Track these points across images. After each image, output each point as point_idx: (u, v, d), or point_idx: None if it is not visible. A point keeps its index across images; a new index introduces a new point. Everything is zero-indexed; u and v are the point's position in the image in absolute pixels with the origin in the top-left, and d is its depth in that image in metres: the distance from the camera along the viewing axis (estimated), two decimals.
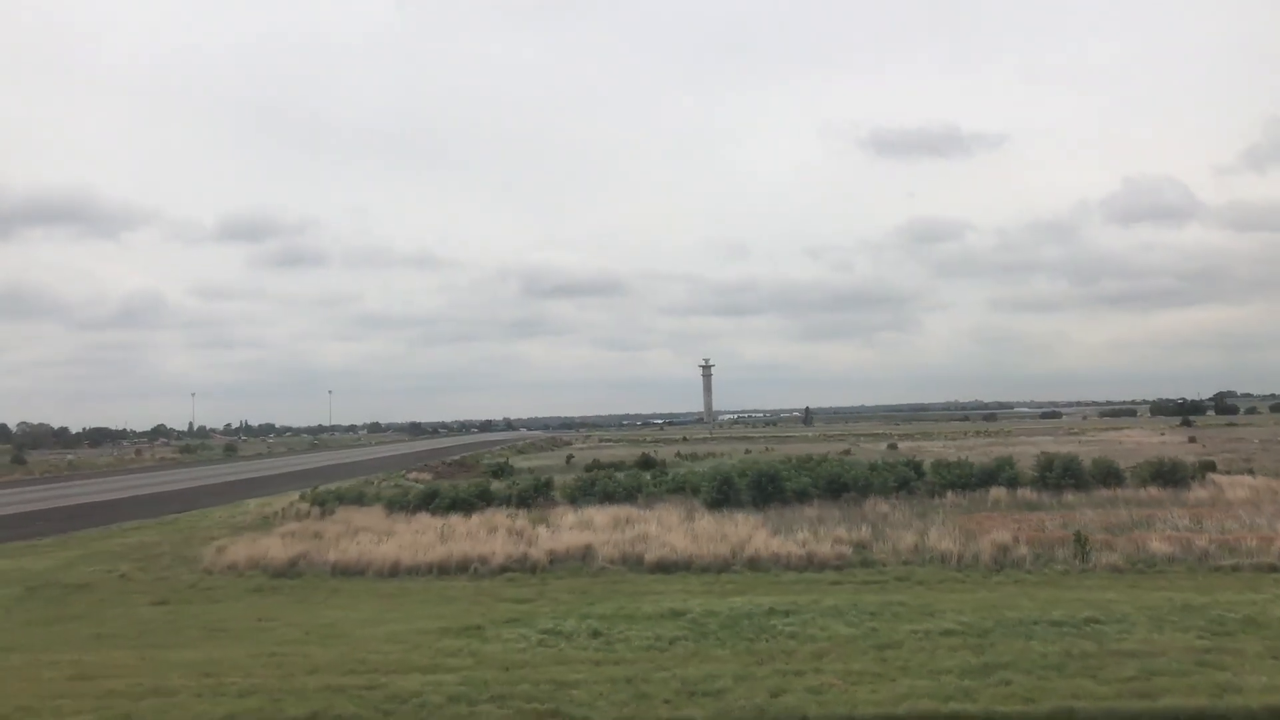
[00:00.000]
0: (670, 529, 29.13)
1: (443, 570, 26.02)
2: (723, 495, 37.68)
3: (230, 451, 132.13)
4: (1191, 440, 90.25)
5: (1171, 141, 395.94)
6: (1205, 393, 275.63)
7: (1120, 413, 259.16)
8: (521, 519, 34.08)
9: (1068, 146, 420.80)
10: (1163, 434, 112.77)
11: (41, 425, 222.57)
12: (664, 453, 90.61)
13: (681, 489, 42.03)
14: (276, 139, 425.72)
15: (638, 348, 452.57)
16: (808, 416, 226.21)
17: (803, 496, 37.89)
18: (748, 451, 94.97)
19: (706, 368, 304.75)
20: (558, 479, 46.66)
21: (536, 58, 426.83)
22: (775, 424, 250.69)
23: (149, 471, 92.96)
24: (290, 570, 26.53)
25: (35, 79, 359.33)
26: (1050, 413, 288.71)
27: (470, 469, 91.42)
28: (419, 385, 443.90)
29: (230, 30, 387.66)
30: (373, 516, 36.97)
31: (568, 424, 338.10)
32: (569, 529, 30.96)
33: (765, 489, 37.91)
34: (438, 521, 34.18)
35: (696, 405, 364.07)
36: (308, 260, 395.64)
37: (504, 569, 25.70)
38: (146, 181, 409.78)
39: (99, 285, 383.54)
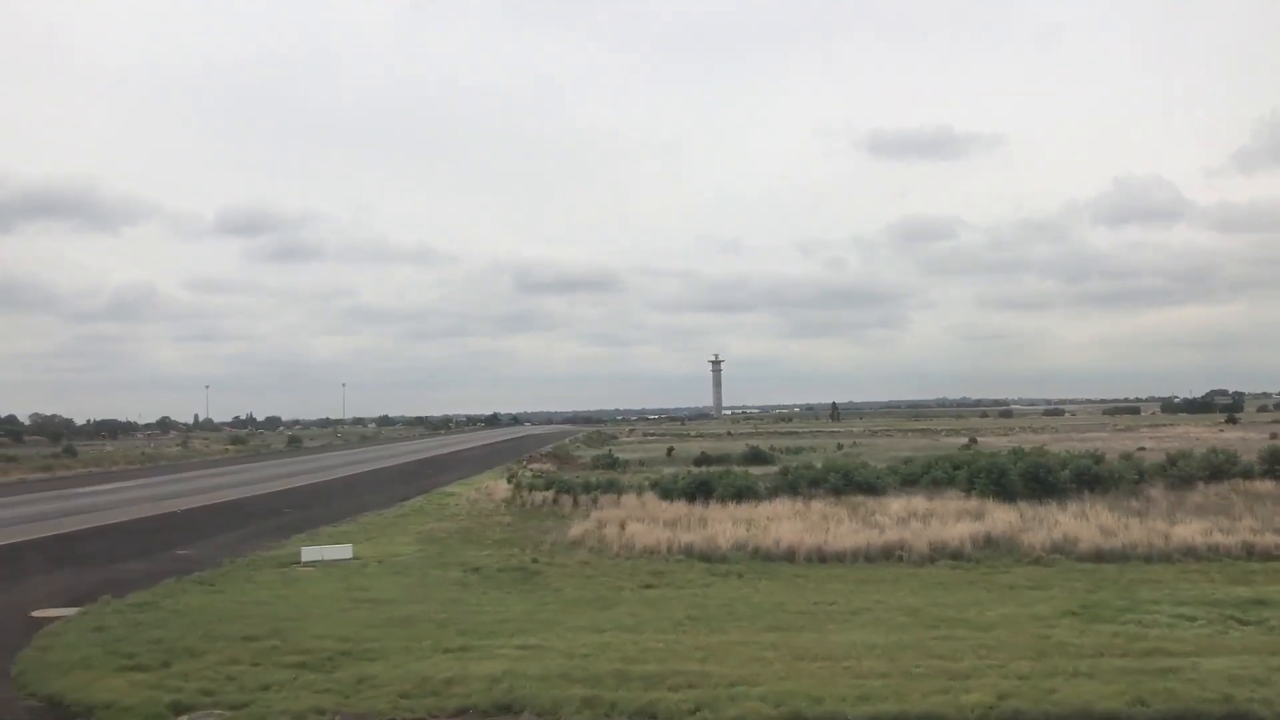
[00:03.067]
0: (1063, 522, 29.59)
1: (867, 557, 26.37)
2: (1000, 488, 38.08)
3: (295, 443, 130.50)
4: (1274, 436, 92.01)
5: (1161, 143, 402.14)
6: (1196, 391, 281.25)
7: (1122, 410, 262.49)
8: (826, 507, 34.46)
9: (1059, 147, 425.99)
10: (1220, 429, 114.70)
11: (54, 416, 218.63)
12: (702, 448, 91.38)
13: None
14: (276, 133, 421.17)
15: (630, 343, 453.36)
16: (835, 412, 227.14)
17: (1059, 490, 38.14)
18: (840, 447, 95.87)
19: (716, 363, 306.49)
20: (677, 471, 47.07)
21: (533, 52, 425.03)
22: (790, 419, 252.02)
23: (240, 463, 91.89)
24: (719, 555, 26.78)
25: (38, 73, 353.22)
26: (1053, 410, 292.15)
27: (566, 460, 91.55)
28: (407, 380, 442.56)
29: (232, 26, 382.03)
30: (657, 505, 37.05)
31: (572, 418, 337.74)
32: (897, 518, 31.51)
33: (1043, 480, 38.38)
34: (743, 510, 34.36)
35: (690, 400, 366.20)
36: (307, 254, 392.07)
37: (930, 557, 26.12)
38: (147, 175, 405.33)
39: (96, 278, 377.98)
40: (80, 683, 15.01)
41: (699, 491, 38.98)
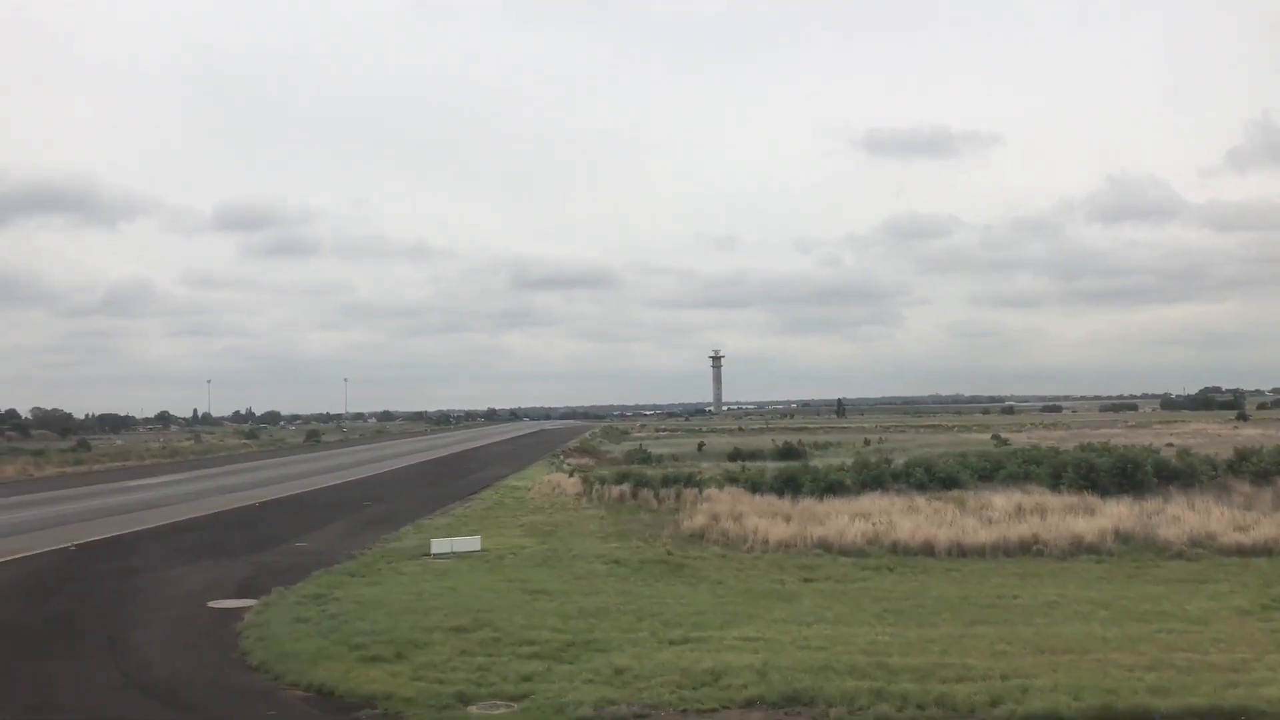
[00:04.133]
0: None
1: (1005, 551, 26.46)
2: (1088, 483, 38.26)
3: (314, 438, 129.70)
4: None
5: (1155, 142, 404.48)
6: (1190, 388, 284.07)
7: (1119, 407, 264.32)
8: (929, 503, 34.50)
9: (1053, 145, 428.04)
10: (1235, 427, 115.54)
11: (55, 411, 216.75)
12: (722, 442, 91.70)
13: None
14: (275, 129, 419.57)
15: (625, 340, 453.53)
16: (840, 408, 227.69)
17: (1145, 486, 38.33)
18: (867, 443, 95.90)
19: (717, 359, 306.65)
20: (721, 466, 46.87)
21: (531, 50, 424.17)
22: (791, 415, 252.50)
23: (267, 458, 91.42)
24: (855, 549, 26.81)
25: (37, 69, 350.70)
26: (1051, 407, 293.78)
27: (596, 455, 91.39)
28: (402, 375, 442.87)
29: (231, 22, 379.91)
30: (749, 499, 36.95)
31: (570, 414, 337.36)
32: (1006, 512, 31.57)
33: (1130, 476, 38.60)
34: (841, 505, 34.27)
35: (684, 397, 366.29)
36: (305, 250, 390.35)
37: (1070, 552, 26.24)
38: (145, 171, 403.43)
39: (93, 273, 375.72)
40: (337, 673, 14.85)
41: (786, 486, 39.04)
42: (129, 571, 25.48)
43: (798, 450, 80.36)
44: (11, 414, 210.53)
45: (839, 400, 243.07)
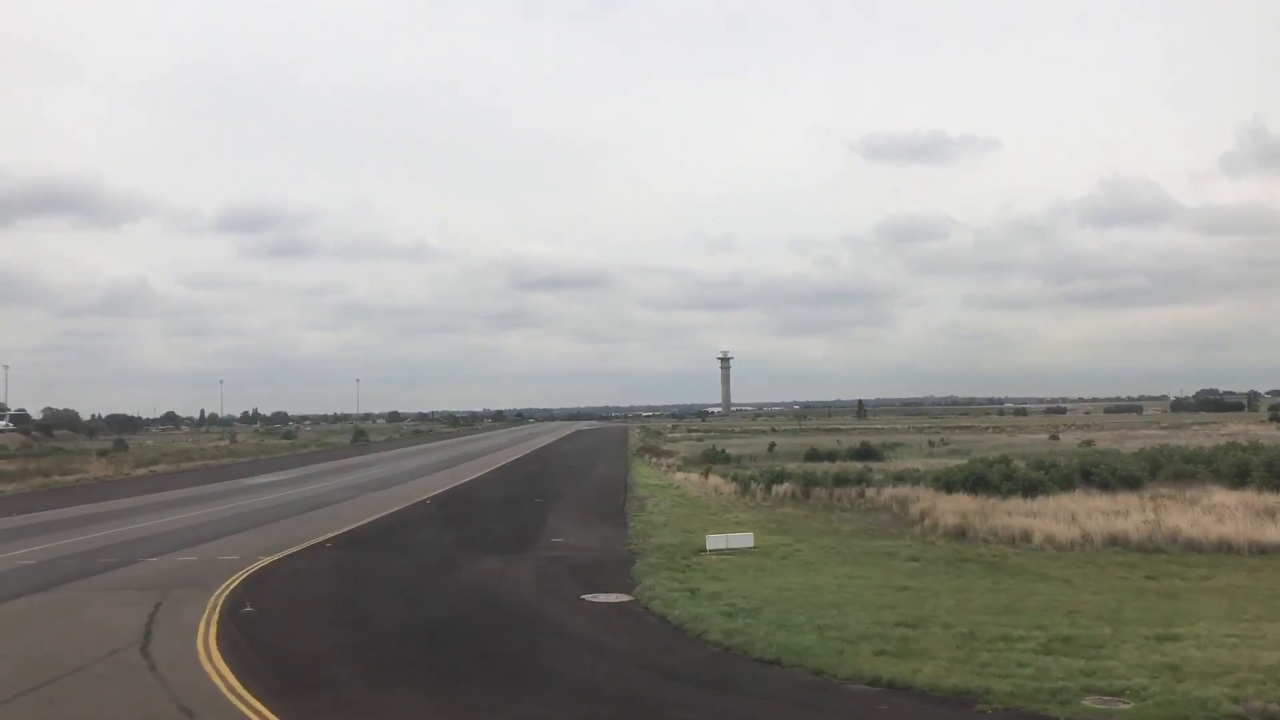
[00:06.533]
0: None
1: None
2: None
3: (360, 438, 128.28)
4: None
5: (1148, 146, 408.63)
6: (1187, 390, 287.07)
7: (1123, 409, 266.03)
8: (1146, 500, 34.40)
9: (1047, 149, 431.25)
10: (1279, 427, 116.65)
11: (67, 411, 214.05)
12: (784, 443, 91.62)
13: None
14: (276, 130, 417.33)
15: (622, 340, 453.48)
16: (861, 409, 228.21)
17: None
18: (932, 444, 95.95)
19: (725, 360, 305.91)
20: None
21: (530, 51, 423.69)
22: (805, 416, 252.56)
23: (335, 459, 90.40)
24: (1151, 546, 26.65)
25: (41, 70, 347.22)
26: (1055, 408, 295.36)
27: (665, 455, 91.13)
28: (397, 376, 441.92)
29: (233, 24, 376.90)
30: (944, 498, 36.66)
31: (575, 414, 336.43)
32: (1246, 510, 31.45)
33: None
34: (1047, 504, 33.91)
35: (682, 398, 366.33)
36: (305, 251, 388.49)
37: None
38: (147, 172, 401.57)
39: (94, 274, 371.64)
40: (879, 666, 14.49)
41: (976, 485, 38.81)
42: (442, 567, 24.95)
43: (875, 451, 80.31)
44: (23, 414, 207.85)
45: (859, 402, 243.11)
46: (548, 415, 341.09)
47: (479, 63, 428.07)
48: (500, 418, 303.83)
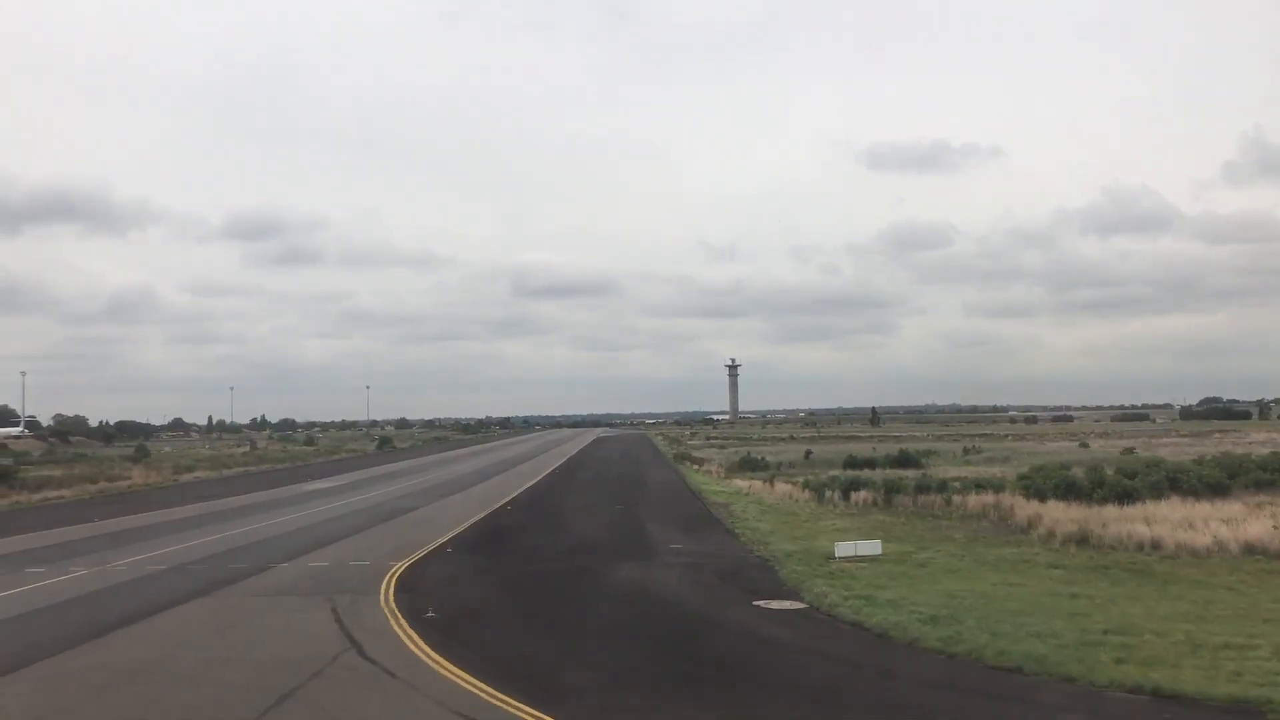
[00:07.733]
0: None
1: None
2: None
3: (385, 444, 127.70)
4: None
5: (1150, 155, 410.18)
6: (1190, 398, 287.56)
7: (1131, 417, 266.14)
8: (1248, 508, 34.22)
9: (1049, 158, 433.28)
10: None
11: (77, 417, 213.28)
12: (821, 450, 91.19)
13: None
14: (282, 139, 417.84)
15: (624, 348, 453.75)
16: (875, 417, 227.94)
17: None
18: (966, 451, 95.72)
19: (733, 367, 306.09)
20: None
21: (534, 59, 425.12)
22: (814, 424, 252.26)
23: (380, 464, 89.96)
24: None
25: (49, 79, 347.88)
26: (1061, 416, 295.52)
27: (701, 461, 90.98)
28: (401, 383, 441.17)
29: (241, 33, 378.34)
30: (1042, 506, 36.40)
31: (579, 421, 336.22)
32: None
33: None
34: (1154, 510, 33.79)
35: (684, 405, 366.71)
36: (311, 259, 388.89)
37: None
38: (154, 180, 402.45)
39: (101, 281, 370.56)
40: (1133, 675, 14.30)
41: (1069, 492, 38.61)
42: (580, 572, 24.72)
43: (914, 459, 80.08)
44: (33, 421, 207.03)
45: (873, 409, 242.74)
46: (552, 422, 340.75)
47: (484, 74, 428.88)
48: (507, 425, 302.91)
